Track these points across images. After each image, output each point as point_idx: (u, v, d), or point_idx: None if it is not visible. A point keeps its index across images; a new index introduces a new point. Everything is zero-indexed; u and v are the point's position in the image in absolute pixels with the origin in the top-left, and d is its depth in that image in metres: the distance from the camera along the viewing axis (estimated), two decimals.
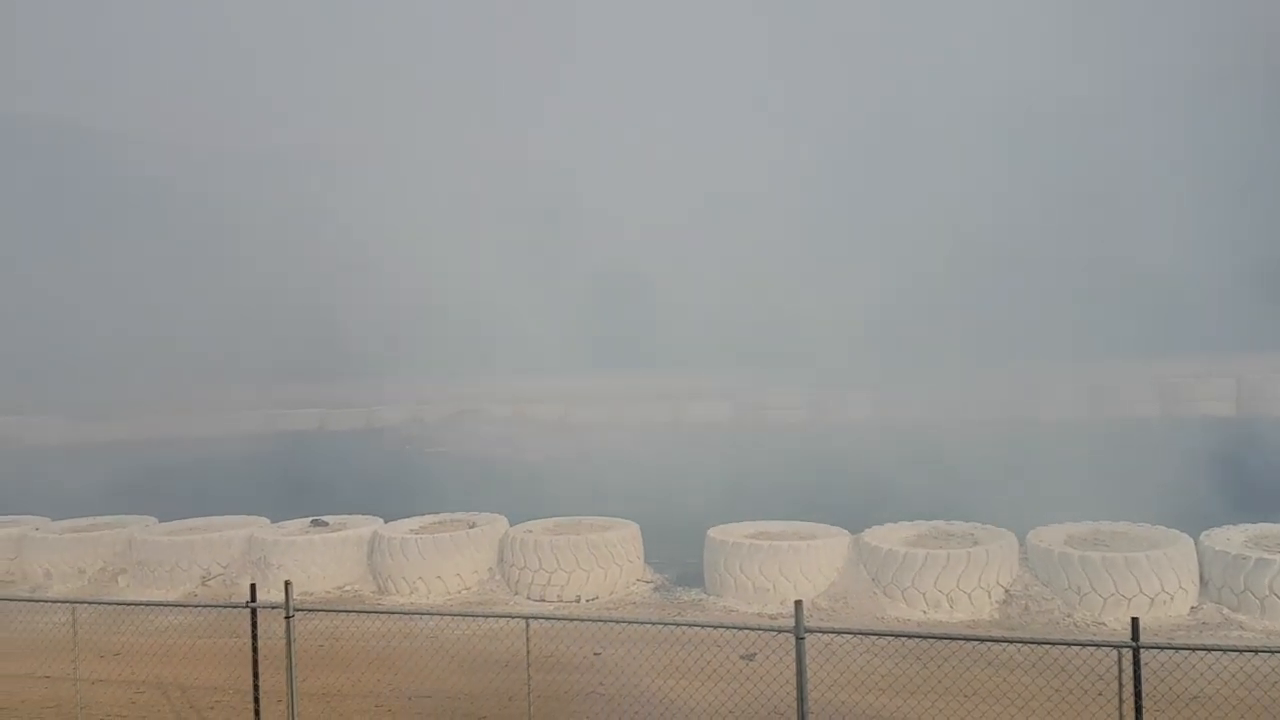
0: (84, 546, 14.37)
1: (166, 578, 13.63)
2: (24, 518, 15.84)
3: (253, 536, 13.78)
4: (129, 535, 14.38)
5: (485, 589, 12.89)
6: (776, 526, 12.92)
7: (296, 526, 14.28)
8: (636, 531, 13.23)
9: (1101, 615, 10.60)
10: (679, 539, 13.57)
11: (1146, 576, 10.60)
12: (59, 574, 14.20)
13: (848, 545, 12.08)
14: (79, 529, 14.96)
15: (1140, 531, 11.73)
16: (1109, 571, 10.67)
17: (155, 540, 13.94)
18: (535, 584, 12.53)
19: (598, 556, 12.54)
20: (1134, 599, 10.52)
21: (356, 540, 13.52)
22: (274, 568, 13.07)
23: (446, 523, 13.98)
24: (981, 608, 11.05)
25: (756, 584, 11.76)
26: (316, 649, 9.68)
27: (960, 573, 11.08)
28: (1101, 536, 11.78)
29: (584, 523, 13.62)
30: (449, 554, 12.88)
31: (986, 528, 12.09)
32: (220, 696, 9.53)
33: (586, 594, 12.44)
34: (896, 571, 11.33)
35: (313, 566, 13.17)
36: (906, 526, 12.59)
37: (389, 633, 9.91)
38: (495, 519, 13.78)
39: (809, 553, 11.81)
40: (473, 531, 13.21)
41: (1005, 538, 11.62)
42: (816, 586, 11.71)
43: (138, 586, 13.73)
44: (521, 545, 12.68)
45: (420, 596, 12.75)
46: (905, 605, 11.22)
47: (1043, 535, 11.71)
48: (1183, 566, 10.76)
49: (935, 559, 11.18)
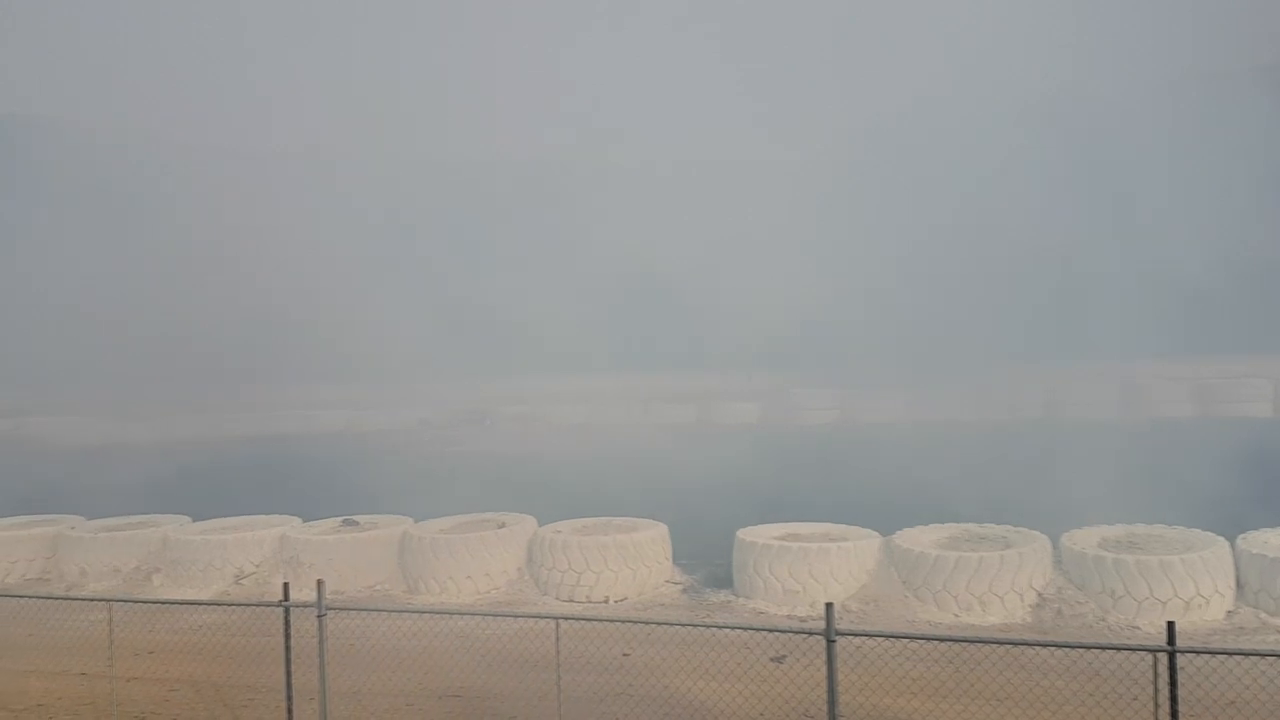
0: (119, 546, 14.53)
1: (200, 577, 13.76)
2: (60, 517, 16.05)
3: (285, 536, 13.89)
4: (163, 534, 14.53)
5: (514, 589, 12.92)
6: (806, 528, 12.86)
7: (328, 526, 14.39)
8: (665, 532, 13.22)
9: (1136, 619, 10.48)
10: (708, 540, 13.55)
11: (1182, 580, 10.46)
12: (94, 573, 14.36)
13: (879, 547, 12.00)
14: (114, 528, 15.13)
15: (1175, 534, 11.58)
16: (1143, 575, 10.54)
17: (189, 539, 14.08)
18: (564, 584, 12.54)
19: (626, 557, 12.53)
20: (1169, 602, 10.39)
21: (387, 540, 13.60)
22: (305, 567, 13.17)
23: (476, 523, 14.03)
24: (1014, 611, 10.94)
25: (786, 586, 11.71)
26: (347, 648, 9.74)
27: (993, 576, 10.98)
28: (1136, 539, 11.63)
29: (613, 523, 13.63)
30: (478, 554, 12.92)
31: (1019, 530, 11.98)
32: (253, 694, 9.61)
33: (615, 595, 12.44)
34: (928, 574, 11.24)
35: (344, 566, 13.26)
36: (938, 529, 12.49)
37: (419, 632, 9.94)
38: (524, 519, 13.81)
39: (839, 555, 11.74)
40: (502, 531, 13.25)
41: (1038, 540, 11.50)
42: (847, 589, 11.64)
43: (172, 585, 13.87)
44: (550, 546, 12.70)
45: (450, 596, 12.80)
46: (937, 608, 11.13)
47: (1076, 538, 11.58)
48: (1219, 570, 10.61)
49: (967, 562, 11.08)
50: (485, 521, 14.02)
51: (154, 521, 15.38)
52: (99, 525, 15.35)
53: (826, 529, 12.77)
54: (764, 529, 12.69)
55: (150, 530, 14.82)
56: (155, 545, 14.50)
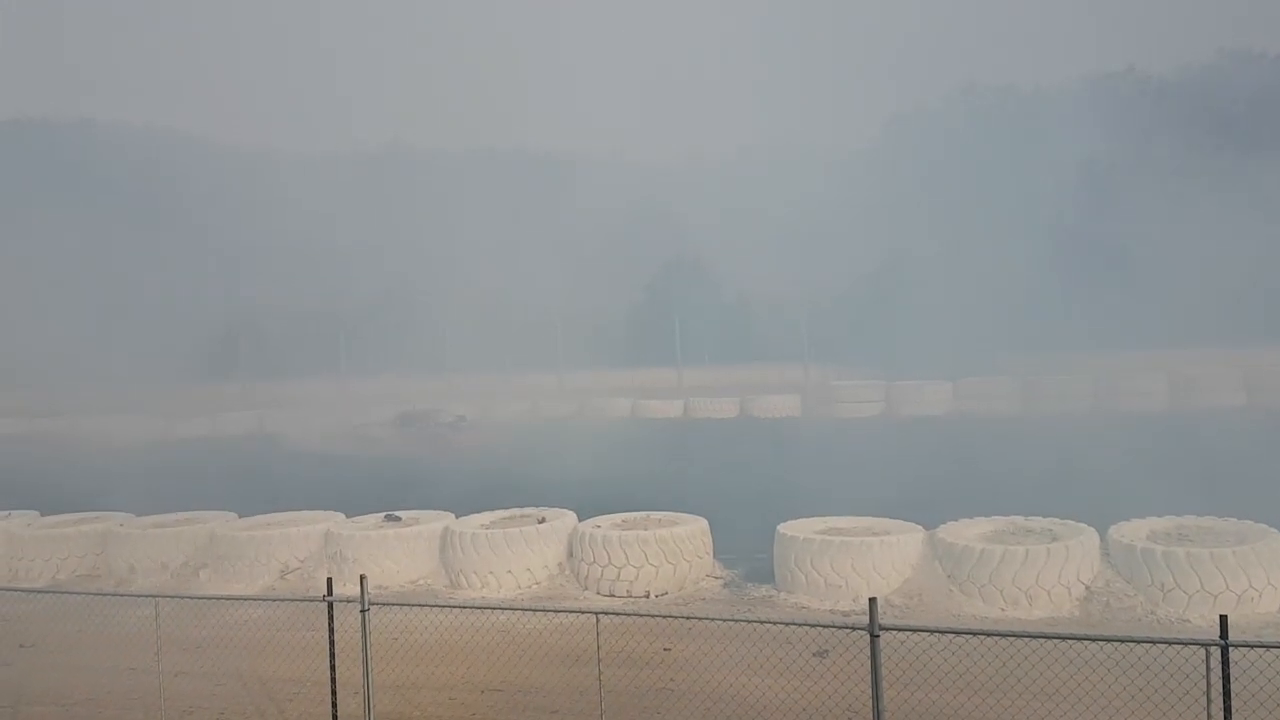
0: (167, 542, 14.74)
1: (246, 572, 13.93)
2: (110, 514, 16.32)
3: (329, 531, 14.01)
4: (210, 530, 14.72)
5: (555, 584, 12.95)
6: (848, 522, 12.75)
7: (371, 522, 14.50)
8: (705, 527, 13.16)
9: (1186, 612, 10.28)
10: (749, 535, 13.48)
11: (1234, 573, 10.24)
12: (143, 569, 14.58)
13: (922, 541, 11.87)
14: (162, 524, 15.35)
15: (1226, 526, 11.34)
16: (1194, 568, 10.33)
17: (235, 535, 14.26)
18: (604, 579, 12.53)
19: (666, 552, 12.50)
20: (1220, 596, 10.18)
21: (429, 535, 13.68)
22: (349, 562, 13.28)
23: (516, 518, 14.07)
24: (1061, 605, 10.78)
25: (828, 580, 11.62)
26: (391, 642, 9.80)
27: (1039, 569, 10.82)
28: (1186, 531, 11.41)
29: (652, 518, 13.60)
30: (519, 549, 12.95)
31: (1066, 523, 11.78)
32: (298, 688, 9.71)
33: (656, 589, 12.42)
34: (973, 568, 11.10)
35: (386, 561, 13.36)
36: (983, 522, 12.32)
37: (461, 626, 9.99)
38: (564, 514, 13.82)
39: (882, 549, 11.62)
40: (542, 527, 13.27)
41: (1086, 533, 11.31)
42: (890, 583, 11.52)
43: (219, 580, 14.06)
44: (590, 540, 12.70)
45: (491, 591, 12.84)
46: (982, 602, 10.99)
47: (1125, 530, 11.38)
48: (1272, 562, 10.37)
49: (1013, 555, 10.92)
50: (526, 516, 14.06)
51: (201, 518, 15.59)
52: (148, 522, 15.57)
53: (869, 523, 12.64)
54: (805, 523, 12.59)
55: (197, 526, 15.03)
56: (202, 541, 14.69)
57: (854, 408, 32.75)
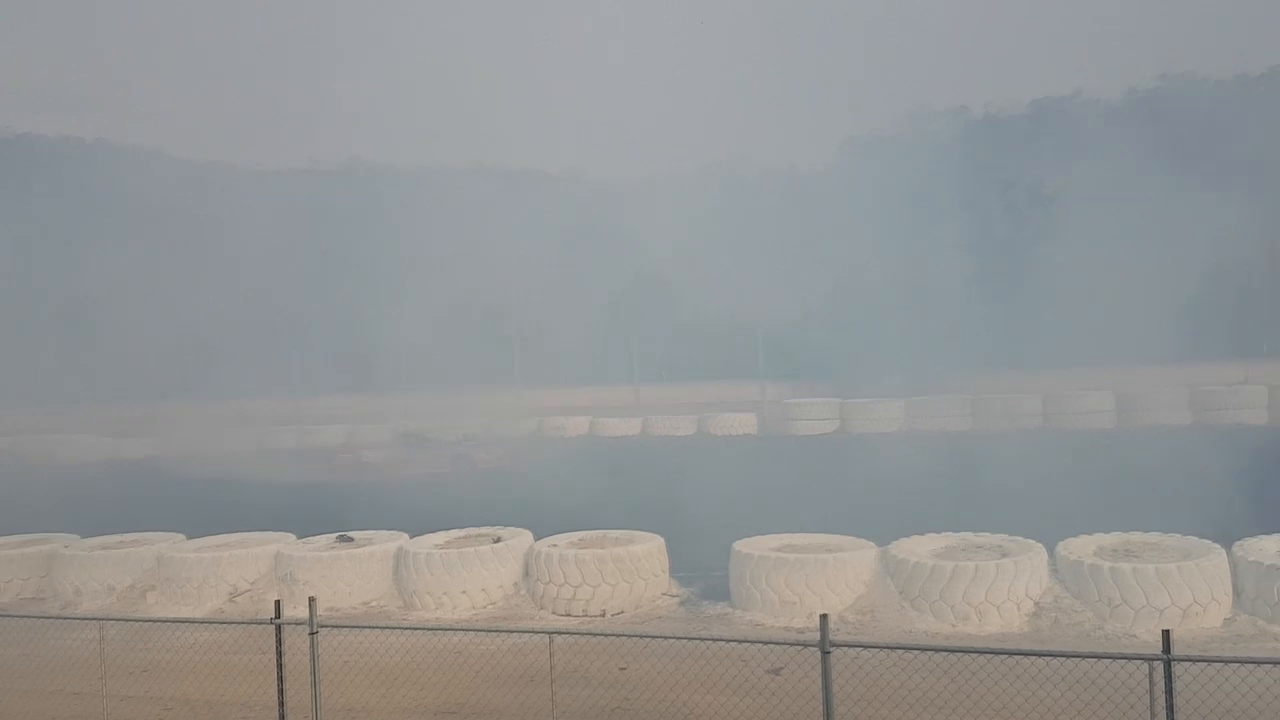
0: (113, 563, 14.46)
1: (195, 594, 13.69)
2: (55, 535, 15.98)
3: (279, 552, 13.83)
4: (157, 552, 14.46)
5: (510, 604, 12.88)
6: (803, 539, 12.82)
7: (322, 542, 14.33)
8: (662, 545, 13.17)
9: (1133, 627, 10.45)
10: (705, 552, 13.51)
11: (1179, 588, 10.44)
12: (89, 591, 14.29)
13: (875, 558, 11.97)
14: (109, 546, 15.07)
15: (1172, 542, 11.56)
16: (1140, 583, 10.52)
17: (183, 557, 14.02)
18: (560, 598, 12.49)
19: (623, 570, 12.49)
20: (1166, 611, 10.36)
21: (382, 555, 13.54)
22: (300, 584, 13.11)
23: (472, 537, 13.98)
24: (1011, 620, 10.91)
25: (783, 597, 11.67)
26: (342, 665, 9.70)
27: (989, 585, 10.95)
28: (1132, 547, 11.61)
29: (609, 536, 13.58)
30: (474, 569, 12.87)
31: (1015, 539, 11.95)
32: (247, 713, 9.56)
33: (612, 608, 12.40)
34: (924, 584, 11.21)
35: (338, 582, 13.20)
36: (935, 538, 12.45)
37: (414, 648, 9.92)
38: (520, 533, 13.77)
39: (836, 566, 11.70)
40: (498, 546, 13.20)
41: (1034, 549, 11.47)
42: (844, 600, 11.60)
43: (166, 603, 13.81)
44: (546, 559, 12.66)
45: (446, 612, 12.74)
46: (934, 618, 11.10)
47: (1072, 547, 11.55)
48: (1215, 578, 10.59)
49: (964, 571, 11.05)
50: (481, 536, 13.98)
51: (148, 539, 15.30)
52: (94, 543, 15.27)
53: (823, 540, 12.73)
54: (761, 540, 12.65)
55: (144, 548, 14.75)
56: (150, 563, 14.43)
57: (809, 425, 33.06)
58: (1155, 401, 29.79)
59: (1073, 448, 24.21)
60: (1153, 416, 29.23)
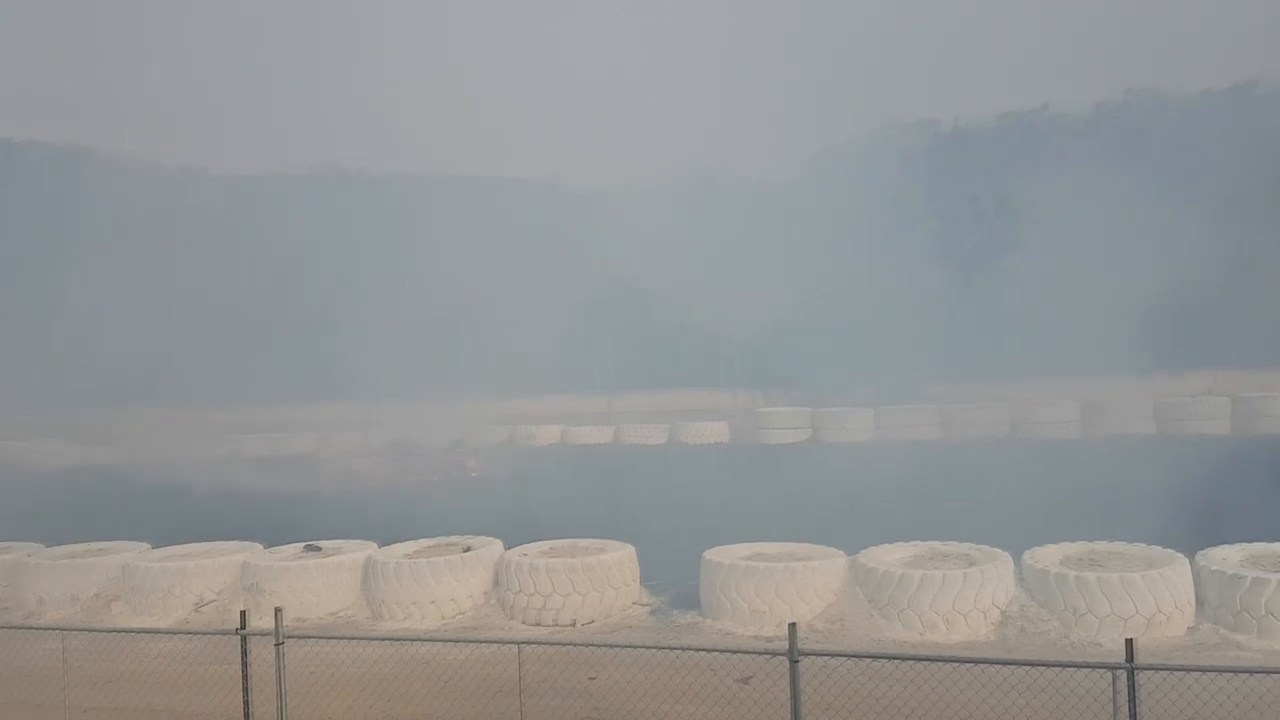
0: (78, 573, 14.28)
1: (160, 604, 13.54)
2: (18, 544, 15.76)
3: (246, 562, 13.71)
4: (123, 561, 14.29)
5: (480, 613, 12.82)
6: (773, 547, 12.86)
7: (290, 552, 14.21)
8: (632, 553, 13.17)
9: (1098, 636, 10.56)
10: (676, 560, 13.52)
11: (1143, 597, 10.56)
12: (52, 601, 14.10)
13: (844, 566, 12.02)
14: (73, 555, 14.88)
15: (1136, 551, 11.69)
16: (1105, 592, 10.63)
17: (149, 566, 13.86)
18: (531, 608, 12.46)
19: (593, 579, 12.47)
20: (1130, 619, 10.48)
21: (350, 565, 13.45)
22: (267, 594, 12.99)
23: (442, 546, 13.92)
24: (978, 629, 11.00)
25: (753, 606, 11.70)
26: (309, 675, 9.62)
27: (956, 593, 11.04)
28: (1097, 556, 11.74)
29: (580, 545, 13.56)
30: (444, 578, 12.81)
31: (982, 548, 12.04)
32: None
33: (582, 618, 12.37)
34: (893, 592, 11.28)
35: (306, 592, 13.09)
36: (903, 547, 12.53)
37: (382, 658, 9.86)
38: (491, 542, 13.71)
39: (805, 574, 11.75)
40: (468, 555, 13.15)
41: (1001, 558, 11.57)
42: (813, 608, 11.65)
43: (131, 613, 13.64)
44: (517, 569, 12.62)
45: (414, 622, 12.67)
46: (902, 627, 11.16)
47: (1038, 556, 11.66)
48: (1179, 586, 10.72)
49: (931, 580, 11.13)
50: (451, 545, 13.92)
51: (114, 549, 15.14)
52: (58, 552, 15.08)
53: (793, 548, 12.77)
54: (731, 549, 12.67)
55: (109, 557, 14.58)
56: (115, 572, 14.26)
57: (780, 434, 33.20)
58: (1120, 412, 30.19)
59: (1039, 457, 24.46)
60: (1117, 427, 29.63)
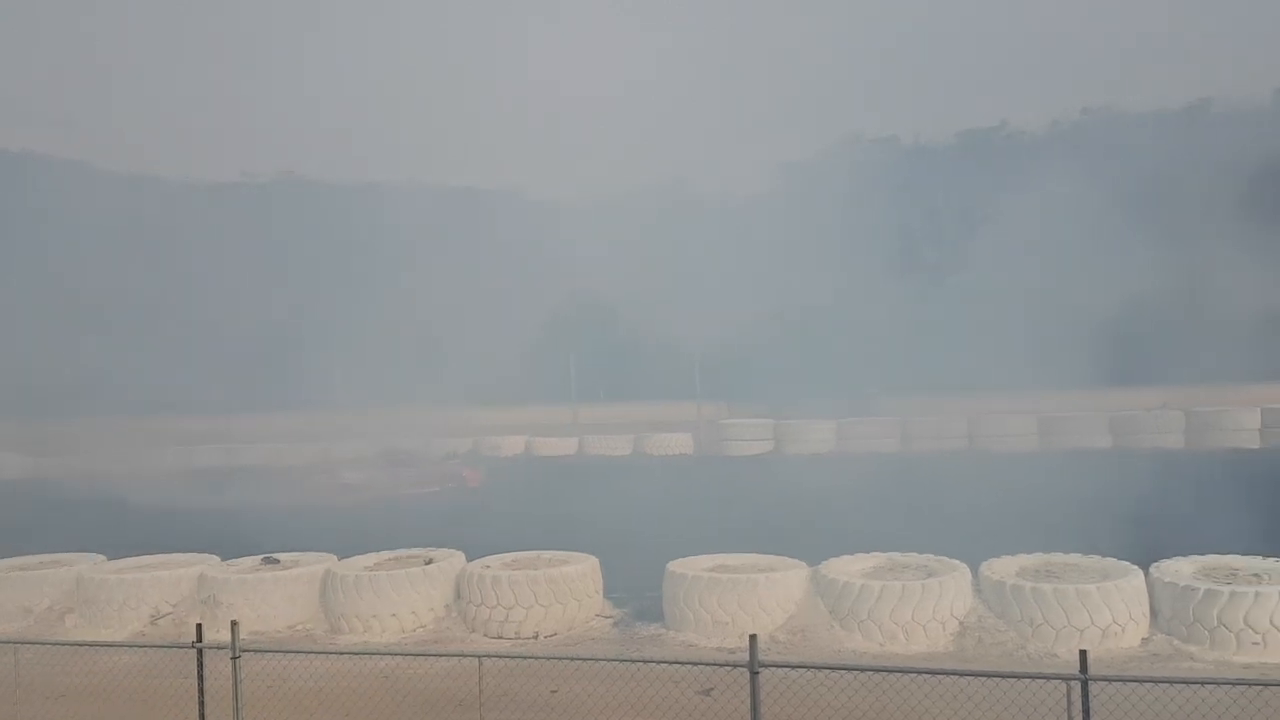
0: (30, 585, 14.02)
1: (115, 616, 13.32)
2: None
3: (203, 574, 13.53)
4: (77, 573, 14.06)
5: (441, 626, 12.73)
6: (736, 559, 12.91)
7: (247, 564, 14.04)
8: (596, 565, 13.15)
9: (1054, 647, 10.69)
10: (640, 572, 13.52)
11: (1098, 608, 10.72)
12: (4, 613, 13.81)
13: (806, 578, 12.09)
14: (26, 567, 14.61)
15: (1091, 563, 11.86)
16: (1060, 603, 10.78)
17: (103, 578, 13.64)
18: (493, 621, 12.39)
19: (556, 592, 12.44)
20: (1086, 630, 10.63)
21: (309, 578, 13.30)
22: (223, 606, 12.82)
23: (402, 559, 13.82)
24: (937, 640, 11.10)
25: (716, 618, 11.73)
26: (266, 690, 9.51)
27: (915, 604, 11.14)
28: (1053, 568, 11.90)
29: (543, 557, 13.51)
30: (404, 591, 12.71)
31: (940, 559, 12.17)
32: None
33: (545, 630, 12.33)
34: (853, 603, 11.36)
35: (263, 605, 12.94)
36: (864, 558, 12.63)
37: (341, 673, 9.78)
38: (452, 554, 13.62)
39: (768, 585, 11.80)
40: (429, 568, 13.07)
41: (959, 569, 11.69)
42: (775, 620, 11.69)
43: (86, 626, 13.41)
44: (479, 581, 12.56)
45: (374, 635, 12.56)
46: (862, 638, 11.24)
47: (995, 567, 11.80)
48: (1133, 598, 10.89)
49: (890, 590, 11.23)
50: (411, 557, 13.82)
51: (67, 560, 14.88)
52: (10, 564, 14.79)
53: (756, 560, 12.83)
54: (694, 560, 12.70)
55: (63, 569, 14.34)
56: (69, 584, 14.02)
57: (743, 446, 33.36)
58: (1076, 425, 30.68)
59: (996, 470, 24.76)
60: (1074, 440, 30.10)
